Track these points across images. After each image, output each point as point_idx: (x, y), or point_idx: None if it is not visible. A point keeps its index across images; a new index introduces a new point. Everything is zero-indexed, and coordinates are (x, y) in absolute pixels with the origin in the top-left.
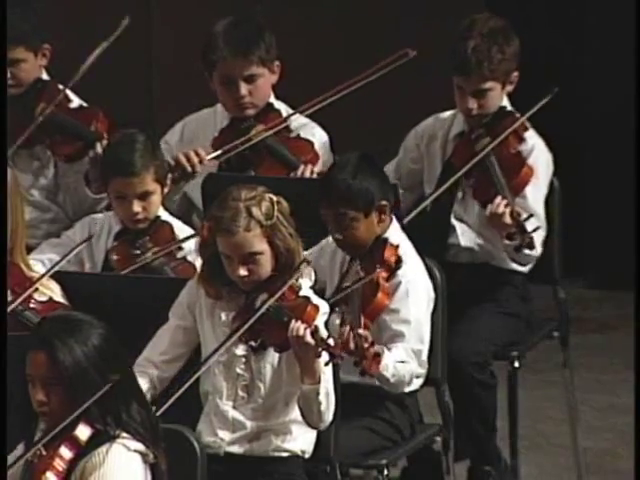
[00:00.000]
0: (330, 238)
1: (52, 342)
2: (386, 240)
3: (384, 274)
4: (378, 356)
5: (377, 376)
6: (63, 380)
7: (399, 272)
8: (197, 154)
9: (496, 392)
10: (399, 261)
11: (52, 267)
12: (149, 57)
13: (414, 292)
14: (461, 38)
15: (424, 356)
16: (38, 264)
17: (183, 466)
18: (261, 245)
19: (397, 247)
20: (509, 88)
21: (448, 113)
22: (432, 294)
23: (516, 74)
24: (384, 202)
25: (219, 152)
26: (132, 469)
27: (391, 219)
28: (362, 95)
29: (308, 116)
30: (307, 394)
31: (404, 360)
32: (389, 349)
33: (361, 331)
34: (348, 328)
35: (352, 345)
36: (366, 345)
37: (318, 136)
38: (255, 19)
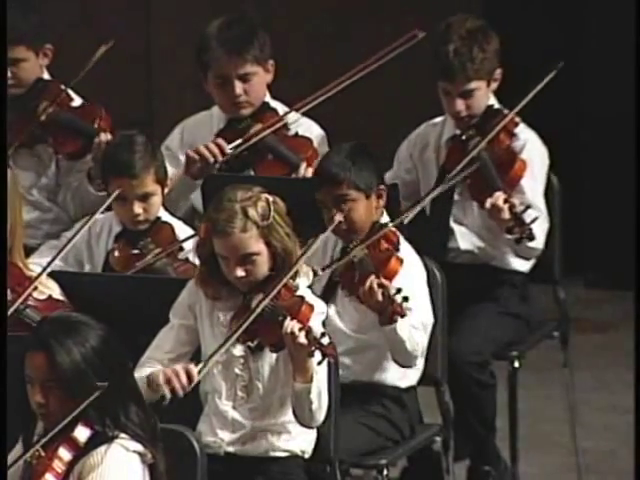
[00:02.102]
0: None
1: (50, 344)
2: (384, 224)
3: (390, 247)
4: (406, 300)
5: (393, 339)
6: (61, 382)
7: (398, 253)
8: (217, 145)
9: (495, 392)
10: (399, 242)
11: (49, 263)
12: (149, 57)
13: (415, 271)
14: (441, 43)
15: (429, 329)
16: (38, 268)
17: (183, 466)
18: (258, 246)
19: (395, 231)
20: (494, 86)
21: (439, 119)
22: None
23: (499, 71)
24: (382, 186)
25: (239, 141)
26: (131, 469)
27: (383, 208)
28: (361, 93)
29: (309, 111)
30: (299, 393)
31: (416, 326)
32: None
33: (384, 281)
34: (374, 277)
35: (379, 294)
36: (392, 292)
37: (316, 133)
38: (249, 18)
